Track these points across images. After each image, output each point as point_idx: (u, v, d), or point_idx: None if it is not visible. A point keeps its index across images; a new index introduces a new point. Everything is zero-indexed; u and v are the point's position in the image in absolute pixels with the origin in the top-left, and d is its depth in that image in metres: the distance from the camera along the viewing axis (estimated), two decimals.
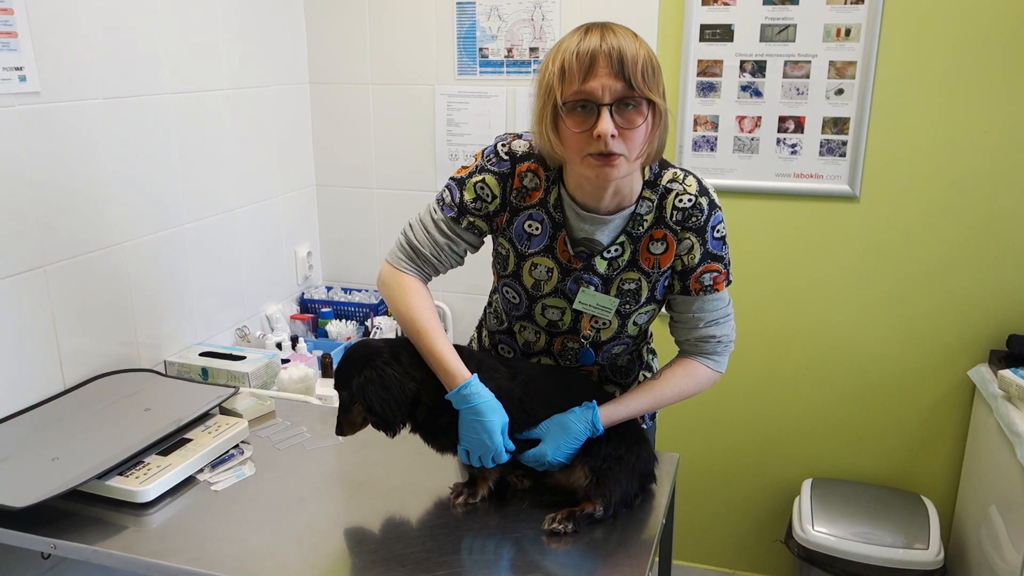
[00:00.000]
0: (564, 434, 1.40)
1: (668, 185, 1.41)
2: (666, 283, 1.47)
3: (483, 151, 1.46)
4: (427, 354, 1.41)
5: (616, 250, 1.43)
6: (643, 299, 1.47)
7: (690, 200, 1.40)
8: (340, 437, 1.44)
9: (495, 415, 1.36)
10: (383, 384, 1.35)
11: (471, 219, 1.46)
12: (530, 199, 1.43)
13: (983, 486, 2.24)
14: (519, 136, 1.46)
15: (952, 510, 2.46)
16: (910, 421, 2.44)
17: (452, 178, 1.48)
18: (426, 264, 1.50)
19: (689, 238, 1.41)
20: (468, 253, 1.53)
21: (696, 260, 1.42)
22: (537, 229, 1.45)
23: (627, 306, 1.47)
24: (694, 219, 1.40)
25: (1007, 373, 2.09)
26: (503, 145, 1.45)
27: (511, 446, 1.39)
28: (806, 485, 2.46)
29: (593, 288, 1.45)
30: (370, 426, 1.42)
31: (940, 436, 2.43)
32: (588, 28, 1.29)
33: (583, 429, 1.41)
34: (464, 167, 1.48)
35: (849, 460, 2.53)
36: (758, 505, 2.65)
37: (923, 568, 2.17)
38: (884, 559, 2.19)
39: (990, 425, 2.19)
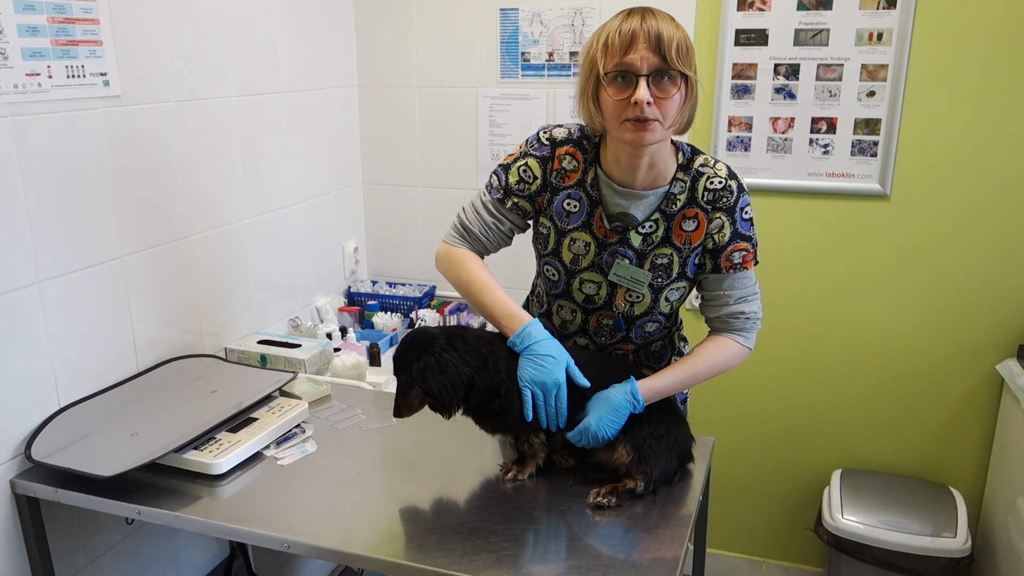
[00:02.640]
0: (607, 407, 1.50)
1: (700, 168, 1.54)
2: (696, 260, 1.58)
3: (527, 139, 1.61)
4: (488, 307, 1.55)
5: (651, 226, 1.55)
6: (674, 274, 1.58)
7: (720, 183, 1.53)
8: (396, 419, 1.53)
9: (557, 351, 1.47)
10: (441, 368, 1.45)
11: (515, 200, 1.60)
12: (568, 180, 1.57)
13: (1011, 477, 2.30)
14: (560, 125, 1.61)
15: (980, 501, 2.51)
16: (939, 414, 2.49)
17: (500, 164, 1.63)
18: (476, 241, 1.64)
19: (720, 218, 1.54)
20: (513, 234, 1.66)
21: (726, 239, 1.55)
22: (575, 207, 1.57)
23: (659, 279, 1.58)
24: (724, 200, 1.53)
25: None
26: (544, 132, 1.60)
27: (584, 381, 1.48)
28: (836, 475, 2.52)
29: (627, 261, 1.57)
30: (425, 408, 1.52)
31: (968, 429, 2.48)
32: (630, 11, 1.43)
33: (624, 401, 1.50)
34: (510, 155, 1.62)
35: (879, 451, 2.58)
36: (788, 495, 2.71)
37: (950, 556, 2.23)
38: (912, 547, 2.25)
39: (1018, 418, 2.24)
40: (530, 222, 1.66)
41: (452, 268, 1.62)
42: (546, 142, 1.59)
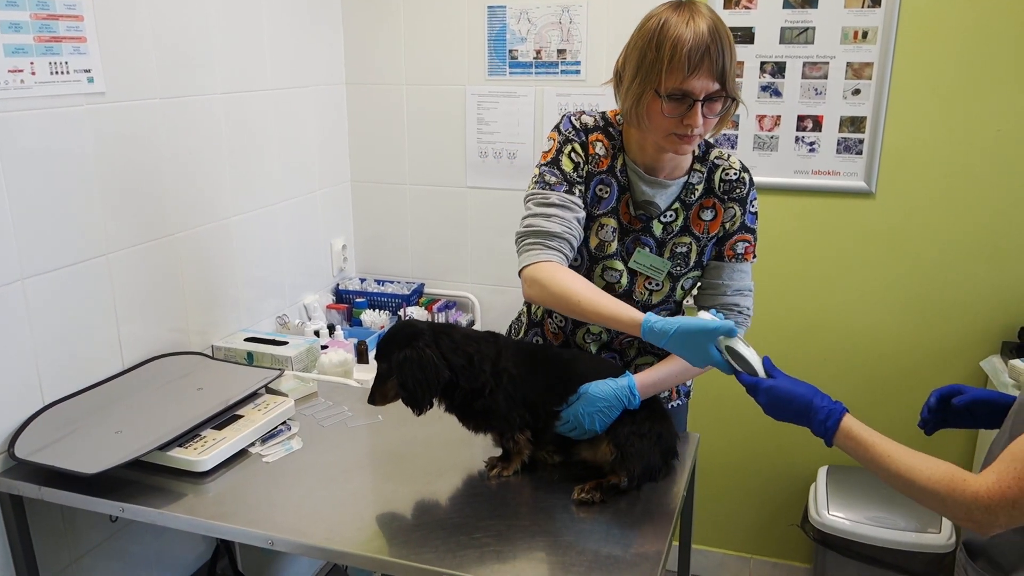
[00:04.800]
0: (601, 401, 1.49)
1: (716, 160, 1.61)
2: (712, 250, 1.63)
3: (558, 129, 1.61)
4: (596, 317, 1.41)
5: (671, 215, 1.60)
6: (692, 263, 1.62)
7: (735, 174, 1.60)
8: (370, 405, 1.53)
9: (699, 322, 1.32)
10: (420, 365, 1.44)
11: (580, 185, 1.58)
12: (601, 165, 1.59)
13: None
14: (582, 112, 1.62)
15: None
16: None
17: (544, 165, 1.59)
18: (562, 242, 1.51)
19: (733, 207, 1.60)
20: (582, 223, 1.57)
21: (736, 227, 1.61)
22: (606, 192, 1.60)
23: (678, 267, 1.62)
24: (738, 191, 1.60)
25: (1018, 363, 2.16)
26: (575, 119, 1.61)
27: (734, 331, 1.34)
28: (822, 472, 2.53)
29: (648, 249, 1.60)
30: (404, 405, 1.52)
31: None
32: (691, 12, 1.41)
33: (620, 396, 1.50)
34: (546, 151, 1.60)
35: None
36: (775, 491, 2.72)
37: (935, 551, 2.25)
38: (898, 542, 2.27)
39: None
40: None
41: (545, 288, 1.45)
42: (580, 127, 1.60)
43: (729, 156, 1.62)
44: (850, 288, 2.48)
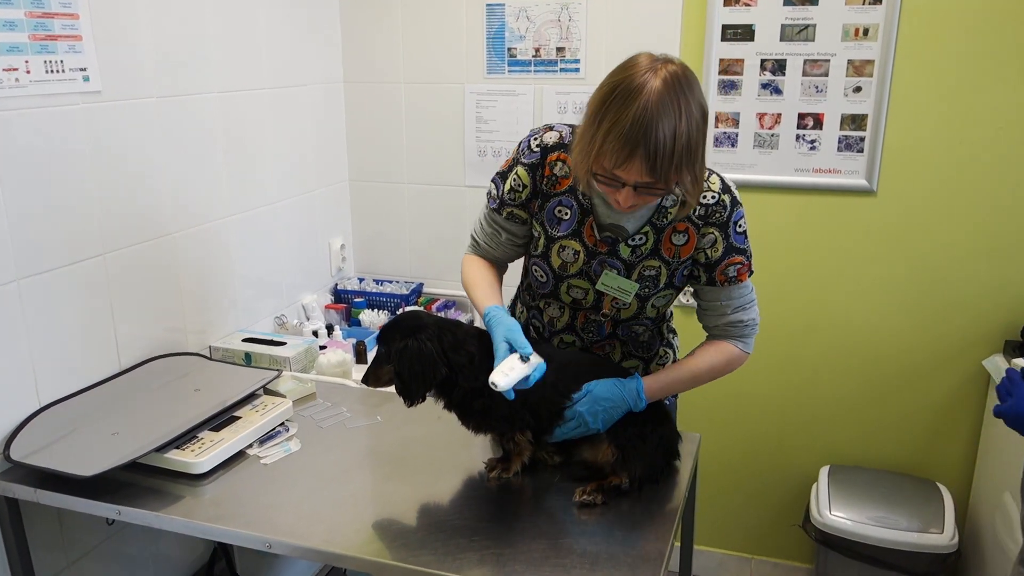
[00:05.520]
0: (607, 400, 1.48)
1: None
2: (685, 272, 1.55)
3: (519, 144, 1.58)
4: (472, 299, 1.61)
5: (640, 239, 1.52)
6: (662, 285, 1.56)
7: (713, 197, 1.48)
8: (365, 385, 1.52)
9: (499, 326, 1.44)
10: (419, 357, 1.43)
11: (510, 209, 1.58)
12: (560, 186, 1.54)
13: (998, 473, 2.30)
14: (551, 128, 1.56)
15: (967, 496, 2.52)
16: (926, 410, 2.49)
17: (497, 173, 1.61)
18: (484, 251, 1.68)
19: (712, 233, 1.50)
20: (518, 242, 1.63)
21: (720, 253, 1.51)
22: (566, 214, 1.54)
23: (646, 290, 1.56)
24: (717, 215, 1.49)
25: (1021, 362, 2.15)
26: (535, 138, 1.56)
27: (527, 350, 1.41)
28: (823, 472, 2.52)
29: (615, 272, 1.54)
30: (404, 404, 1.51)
31: (955, 425, 2.48)
32: (656, 90, 1.28)
33: (627, 397, 1.49)
34: (505, 161, 1.61)
35: (866, 448, 2.58)
36: (776, 491, 2.71)
37: (937, 552, 2.24)
38: (900, 543, 2.25)
39: None
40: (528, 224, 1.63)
41: (461, 274, 1.68)
42: (536, 148, 1.54)
43: (709, 176, 1.48)
44: (851, 287, 2.47)
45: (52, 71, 1.65)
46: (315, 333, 2.42)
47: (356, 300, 2.73)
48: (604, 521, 1.45)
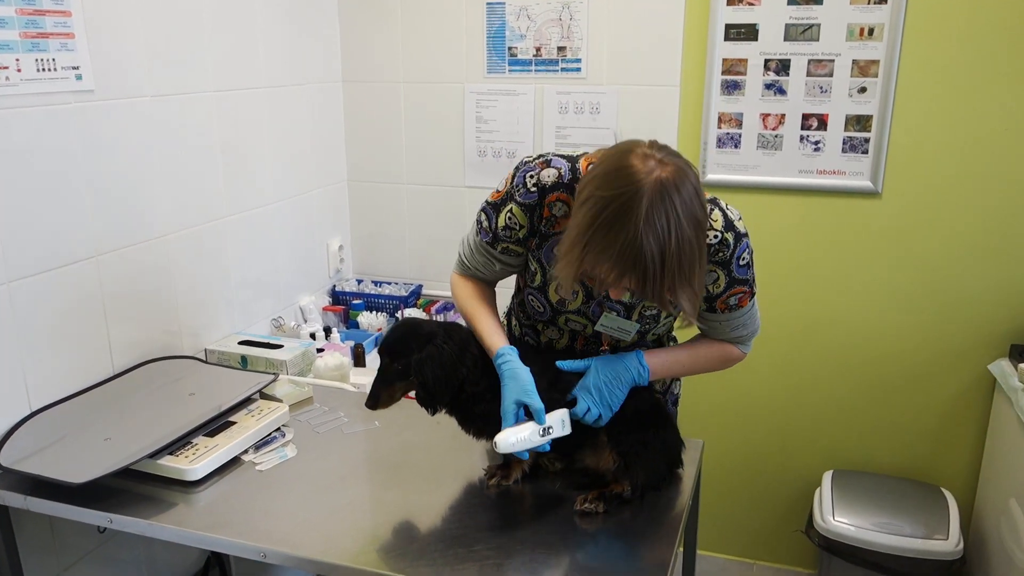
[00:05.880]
0: (609, 370, 1.44)
1: None
2: (702, 304, 1.50)
3: (513, 176, 1.47)
4: (475, 331, 1.51)
5: None
6: (662, 320, 1.54)
7: (716, 236, 1.40)
8: (370, 409, 1.47)
9: (513, 382, 1.39)
10: (441, 362, 1.41)
11: (505, 244, 1.51)
12: (559, 226, 1.45)
13: (1003, 479, 2.27)
14: (548, 163, 1.43)
15: (972, 502, 2.49)
16: (931, 414, 2.47)
17: (488, 202, 1.51)
18: (476, 275, 1.59)
19: (715, 272, 1.43)
20: (517, 268, 1.57)
21: (722, 288, 1.45)
22: None
23: (647, 326, 1.53)
24: (720, 255, 1.41)
25: None
26: (531, 176, 1.44)
27: (538, 404, 1.38)
28: (827, 477, 2.49)
29: (615, 313, 1.50)
30: (409, 410, 1.48)
31: (960, 429, 2.45)
32: (634, 225, 1.19)
33: (624, 363, 1.46)
34: (498, 191, 1.50)
35: (870, 452, 2.56)
36: (779, 496, 2.69)
37: (942, 558, 2.21)
38: (904, 549, 2.22)
39: (1010, 418, 2.22)
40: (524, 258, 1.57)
41: (454, 297, 1.61)
42: (533, 189, 1.43)
43: (712, 212, 1.38)
44: (855, 290, 2.44)
45: (44, 69, 1.62)
46: (312, 335, 2.39)
47: (354, 302, 2.70)
48: (606, 530, 1.42)
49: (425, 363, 1.41)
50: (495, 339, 1.47)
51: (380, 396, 1.46)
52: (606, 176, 1.24)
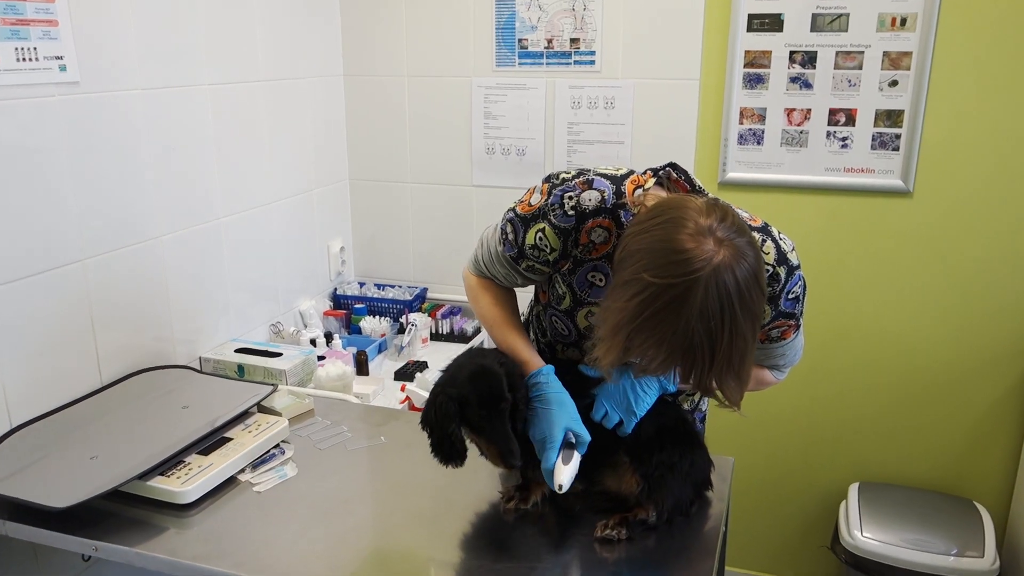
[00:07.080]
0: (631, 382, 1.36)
1: None
2: None
3: (549, 191, 1.34)
4: (502, 345, 1.43)
5: None
6: None
7: (768, 270, 1.28)
8: (452, 467, 1.35)
9: (560, 408, 1.31)
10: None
11: (530, 263, 1.39)
12: (597, 252, 1.35)
13: None
14: (589, 184, 1.31)
15: (1007, 517, 2.40)
16: (963, 424, 2.38)
17: (517, 213, 1.38)
18: (494, 280, 1.49)
19: None
20: (540, 281, 1.48)
21: (766, 320, 1.35)
22: (602, 280, 1.37)
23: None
24: (769, 289, 1.30)
25: None
26: (570, 197, 1.31)
27: (587, 436, 1.32)
28: (853, 489, 2.40)
29: None
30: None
31: (994, 440, 2.37)
32: (685, 319, 1.09)
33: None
34: (529, 204, 1.37)
35: (899, 464, 2.47)
36: (803, 510, 2.60)
37: None
38: (936, 567, 2.13)
39: None
40: (549, 276, 1.47)
41: (471, 300, 1.53)
42: (571, 212, 1.31)
43: (763, 244, 1.29)
44: (885, 293, 2.36)
45: (24, 59, 1.52)
46: (313, 342, 2.29)
47: (356, 306, 2.60)
48: (629, 560, 1.31)
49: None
50: (527, 355, 1.39)
51: (458, 453, 1.34)
52: (656, 257, 1.11)
